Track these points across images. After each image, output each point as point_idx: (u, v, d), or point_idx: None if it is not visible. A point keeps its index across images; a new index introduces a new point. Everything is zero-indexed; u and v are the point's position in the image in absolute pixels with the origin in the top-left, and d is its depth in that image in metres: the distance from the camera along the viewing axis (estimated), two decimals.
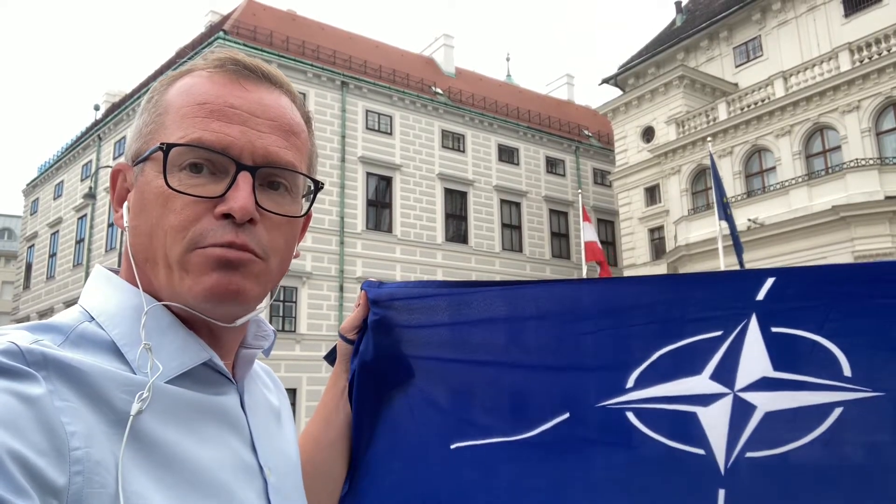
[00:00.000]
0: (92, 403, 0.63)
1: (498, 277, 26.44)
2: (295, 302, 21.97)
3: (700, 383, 1.11)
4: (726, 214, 15.93)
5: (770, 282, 1.10)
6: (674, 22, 29.08)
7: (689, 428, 1.10)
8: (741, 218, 19.41)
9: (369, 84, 25.00)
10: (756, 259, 18.52)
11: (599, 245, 20.90)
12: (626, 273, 25.83)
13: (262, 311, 0.84)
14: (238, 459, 0.75)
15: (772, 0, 23.81)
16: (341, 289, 22.70)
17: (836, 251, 17.82)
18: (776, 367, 1.08)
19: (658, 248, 24.87)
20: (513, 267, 27.32)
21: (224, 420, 0.76)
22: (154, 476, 0.64)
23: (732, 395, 1.09)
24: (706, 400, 1.10)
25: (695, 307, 1.13)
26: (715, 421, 1.09)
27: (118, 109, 28.81)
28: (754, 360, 1.09)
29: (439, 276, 24.87)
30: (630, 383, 1.13)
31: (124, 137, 26.04)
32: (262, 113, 0.77)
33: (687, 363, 1.12)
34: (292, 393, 20.79)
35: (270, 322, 21.10)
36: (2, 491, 0.52)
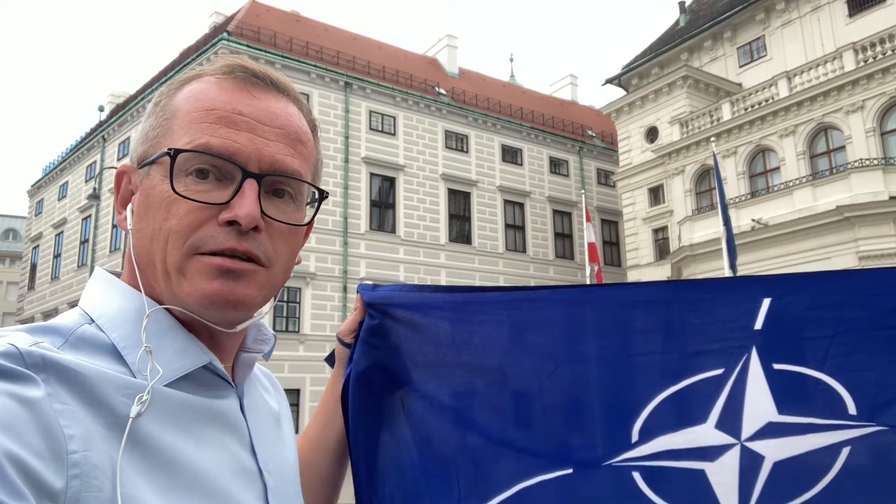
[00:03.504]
0: (91, 406, 0.63)
1: (501, 278, 26.44)
2: (298, 302, 21.99)
3: (706, 433, 1.07)
4: (725, 216, 15.88)
5: (766, 304, 1.06)
6: (677, 22, 29.03)
7: (698, 489, 1.06)
8: (745, 218, 19.37)
9: (373, 85, 25.01)
10: (760, 260, 18.49)
11: (596, 246, 20.86)
12: (630, 274, 25.81)
13: (264, 316, 0.84)
14: (237, 463, 0.75)
15: (776, 0, 23.76)
16: (345, 289, 22.71)
17: (841, 251, 17.76)
18: (781, 410, 1.05)
19: (662, 248, 24.82)
20: (516, 267, 27.30)
21: (224, 423, 0.76)
22: (152, 479, 0.64)
23: (739, 445, 1.06)
24: (713, 453, 1.07)
25: (693, 337, 1.10)
26: (724, 478, 1.06)
27: (122, 110, 28.87)
28: (758, 402, 1.06)
29: (443, 277, 24.88)
30: (635, 436, 1.09)
31: (129, 138, 26.11)
32: (269, 121, 0.77)
33: (691, 409, 1.08)
34: (295, 393, 20.80)
35: (274, 323, 21.18)
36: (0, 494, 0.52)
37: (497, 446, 1.14)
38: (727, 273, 16.94)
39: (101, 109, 33.16)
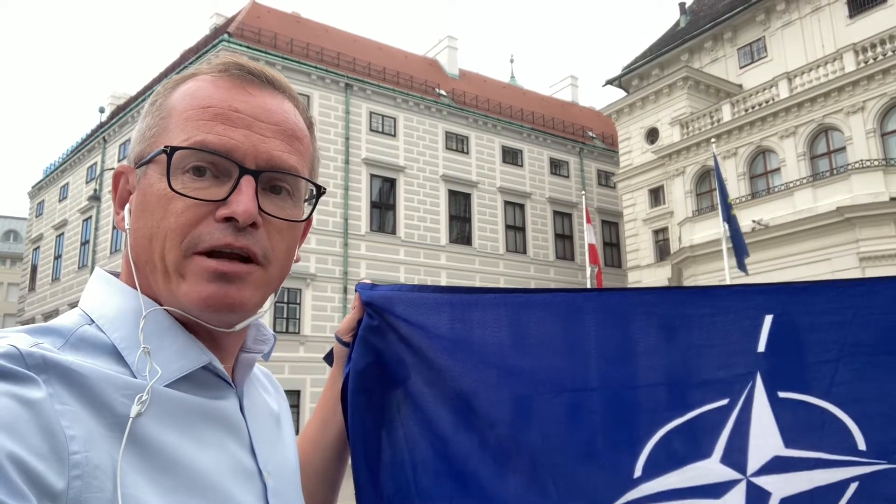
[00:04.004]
0: (91, 407, 0.63)
1: (502, 279, 26.43)
2: (299, 303, 21.98)
3: (711, 469, 1.05)
4: (729, 216, 15.86)
5: (768, 322, 1.04)
6: (678, 23, 29.03)
7: None
8: (745, 219, 19.34)
9: (373, 86, 25.02)
10: (761, 261, 18.46)
11: (596, 248, 20.86)
12: (630, 275, 25.80)
13: (262, 315, 0.84)
14: (237, 463, 0.75)
15: (776, 1, 23.76)
16: (345, 291, 22.70)
17: (841, 252, 17.75)
18: (787, 444, 1.03)
19: (662, 249, 24.81)
20: (516, 269, 27.28)
21: (223, 424, 0.76)
22: (152, 480, 0.64)
23: (745, 480, 1.04)
24: (719, 490, 1.04)
25: (697, 362, 1.07)
26: None
27: (123, 112, 28.91)
28: (764, 435, 1.04)
29: (443, 278, 24.87)
30: (638, 471, 1.06)
31: (129, 140, 25.98)
32: (265, 117, 0.77)
33: (695, 442, 1.06)
34: (296, 395, 20.79)
35: (274, 324, 21.18)
36: (1, 495, 0.52)
37: (495, 466, 1.11)
38: (728, 274, 16.94)
39: (102, 111, 33.19)
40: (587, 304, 1.13)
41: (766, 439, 1.04)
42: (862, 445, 1.01)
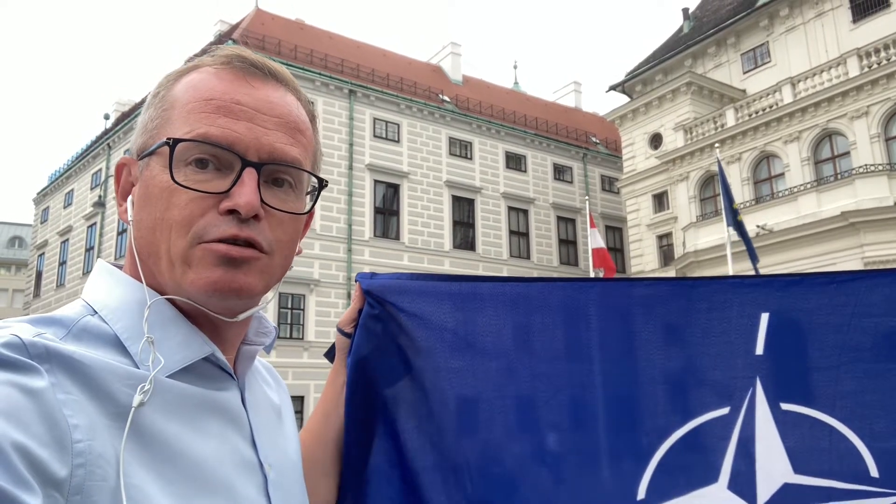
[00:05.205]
0: (94, 396, 0.63)
1: None
2: (303, 309, 21.99)
3: (718, 496, 1.01)
4: (735, 221, 15.80)
5: (765, 322, 1.02)
6: (681, 28, 29.05)
7: None
8: (750, 224, 19.30)
9: (377, 92, 25.08)
10: (766, 266, 18.40)
11: (606, 251, 20.83)
12: None
13: (265, 307, 0.84)
14: (238, 455, 0.75)
15: (779, 6, 23.76)
16: (349, 296, 22.69)
17: (846, 257, 17.69)
18: (797, 469, 1.00)
19: (666, 254, 24.77)
20: (520, 274, 27.21)
21: (225, 415, 0.76)
22: (154, 470, 0.64)
23: None
24: None
25: (695, 360, 1.05)
26: None
27: (128, 118, 29.01)
28: (771, 457, 1.00)
29: None
30: (642, 493, 1.03)
31: None
32: (268, 110, 0.78)
33: (700, 462, 1.03)
34: (300, 400, 20.77)
35: (277, 329, 21.10)
36: (4, 482, 0.52)
37: (489, 473, 1.09)
38: None
39: (107, 117, 33.30)
40: (586, 295, 1.12)
41: (773, 463, 1.00)
42: (874, 472, 0.98)
